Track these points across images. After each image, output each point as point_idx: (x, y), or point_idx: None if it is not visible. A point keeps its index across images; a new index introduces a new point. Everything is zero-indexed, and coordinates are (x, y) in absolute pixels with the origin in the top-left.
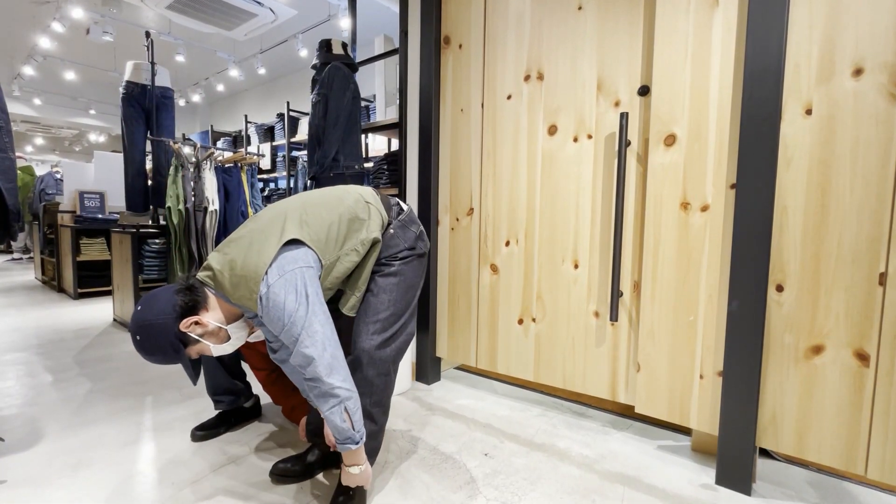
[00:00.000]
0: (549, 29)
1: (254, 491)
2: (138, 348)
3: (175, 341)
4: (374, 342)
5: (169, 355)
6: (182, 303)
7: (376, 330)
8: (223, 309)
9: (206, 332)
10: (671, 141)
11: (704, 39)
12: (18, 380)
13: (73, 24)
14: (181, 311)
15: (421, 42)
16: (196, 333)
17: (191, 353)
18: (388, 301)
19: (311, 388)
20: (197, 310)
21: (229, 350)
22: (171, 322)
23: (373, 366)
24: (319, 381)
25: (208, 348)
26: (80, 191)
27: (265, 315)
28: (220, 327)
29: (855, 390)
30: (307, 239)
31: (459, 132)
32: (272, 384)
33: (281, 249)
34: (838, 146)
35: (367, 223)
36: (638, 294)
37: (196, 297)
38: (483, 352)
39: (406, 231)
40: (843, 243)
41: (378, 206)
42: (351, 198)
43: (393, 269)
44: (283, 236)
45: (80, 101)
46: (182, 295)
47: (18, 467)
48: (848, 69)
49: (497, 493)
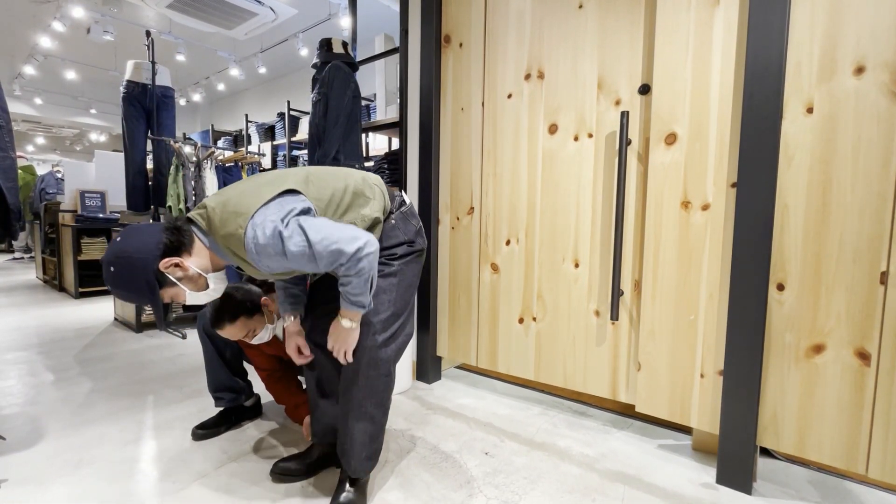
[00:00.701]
0: (549, 27)
1: (255, 489)
2: (110, 280)
3: (152, 279)
4: (374, 343)
5: (142, 293)
6: (167, 241)
7: (376, 330)
8: (207, 256)
9: (186, 276)
10: (672, 140)
11: (705, 38)
12: (20, 379)
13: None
14: (164, 250)
15: (421, 41)
16: (175, 276)
17: (165, 295)
18: (388, 301)
19: (351, 266)
20: (180, 251)
21: (204, 300)
22: (151, 259)
23: (374, 366)
24: (356, 249)
25: (183, 294)
26: (81, 190)
27: (260, 253)
28: (201, 274)
29: (856, 389)
30: (308, 195)
31: (460, 131)
32: (275, 382)
33: (280, 195)
34: (839, 145)
35: (371, 202)
36: (638, 293)
37: (182, 239)
38: (483, 351)
39: (407, 223)
40: (844, 242)
41: (383, 192)
42: (358, 175)
43: (392, 270)
44: (283, 186)
45: (81, 100)
46: (168, 233)
47: (20, 466)
48: (849, 68)
49: (497, 491)
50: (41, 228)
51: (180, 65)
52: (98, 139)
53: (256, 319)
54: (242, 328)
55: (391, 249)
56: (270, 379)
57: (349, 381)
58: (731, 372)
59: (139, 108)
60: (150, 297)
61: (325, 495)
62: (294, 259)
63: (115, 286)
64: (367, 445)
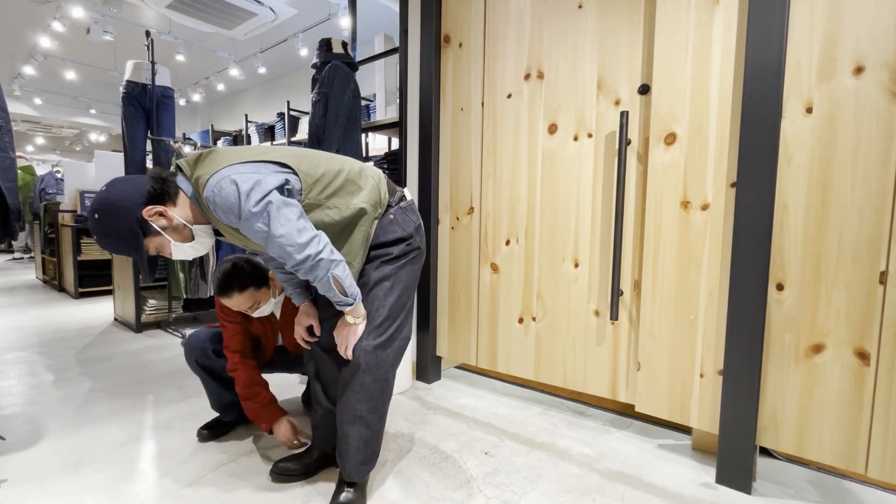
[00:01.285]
0: (549, 27)
1: (254, 490)
2: (95, 228)
3: (135, 227)
4: (369, 347)
5: (125, 241)
6: (151, 188)
7: (371, 335)
8: (192, 210)
9: (171, 226)
10: (672, 139)
11: (705, 37)
12: (20, 379)
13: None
14: (148, 198)
15: (421, 41)
16: (159, 225)
17: (149, 245)
18: (382, 306)
19: (299, 269)
20: (164, 200)
21: (191, 254)
22: (134, 206)
23: (368, 372)
24: (303, 258)
25: (168, 245)
26: (80, 190)
27: (216, 205)
28: (186, 225)
29: (855, 389)
30: (298, 168)
31: (460, 131)
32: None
33: (261, 161)
34: (839, 144)
35: (360, 192)
36: (638, 293)
37: (166, 188)
38: (483, 351)
39: (406, 219)
40: (843, 242)
41: (380, 184)
42: (357, 165)
43: (387, 273)
44: (270, 157)
45: (81, 100)
46: (153, 182)
47: (20, 466)
48: (849, 67)
49: (497, 491)
50: (41, 228)
51: (180, 65)
52: (98, 139)
53: (263, 292)
54: (249, 299)
55: (388, 248)
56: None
57: (345, 385)
58: (730, 372)
59: (139, 108)
60: (133, 246)
61: (324, 495)
62: (248, 229)
63: (100, 234)
64: (362, 450)
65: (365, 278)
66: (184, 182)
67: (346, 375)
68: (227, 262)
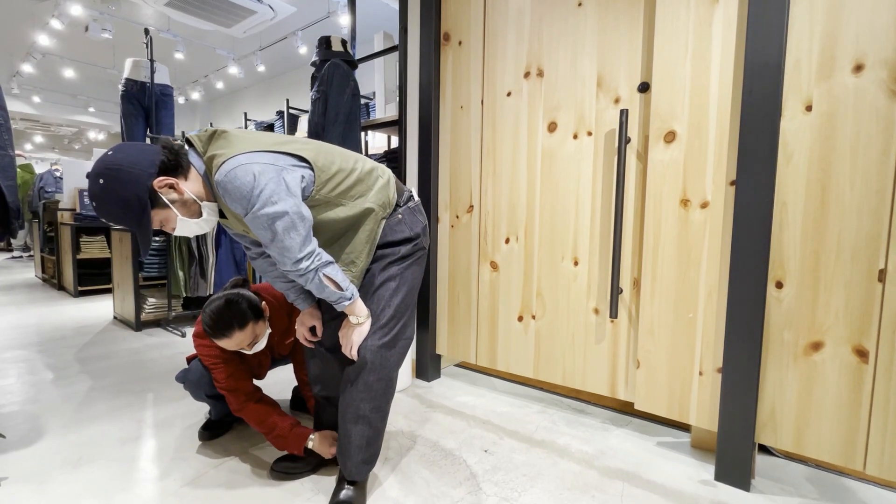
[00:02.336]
0: (549, 25)
1: (255, 487)
2: (97, 194)
3: (144, 197)
4: (374, 346)
5: (130, 211)
6: (164, 159)
7: (376, 335)
8: (201, 183)
9: (180, 200)
10: (671, 138)
11: (705, 36)
12: (19, 377)
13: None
14: (160, 168)
15: (421, 39)
16: (168, 198)
17: (154, 218)
18: (389, 305)
19: (290, 273)
20: (177, 173)
21: (195, 231)
22: (145, 175)
23: (373, 371)
24: (294, 269)
25: (175, 219)
26: (79, 188)
27: (227, 191)
28: (196, 200)
29: (854, 387)
30: (316, 163)
31: (459, 129)
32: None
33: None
34: (838, 142)
35: (368, 192)
36: (638, 291)
37: (179, 161)
38: (483, 349)
39: (414, 219)
40: (842, 240)
41: (389, 184)
42: (369, 164)
43: (392, 274)
44: (292, 149)
45: (80, 98)
46: (166, 152)
47: (20, 464)
48: (848, 65)
49: (497, 488)
50: (40, 227)
51: (179, 63)
52: (97, 137)
53: (261, 325)
54: (250, 334)
55: (395, 247)
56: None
57: (348, 384)
58: (729, 369)
59: (138, 107)
60: (138, 217)
61: (324, 492)
62: (252, 225)
63: (102, 201)
64: (364, 449)
65: (371, 278)
66: (195, 157)
67: (350, 374)
68: (217, 299)
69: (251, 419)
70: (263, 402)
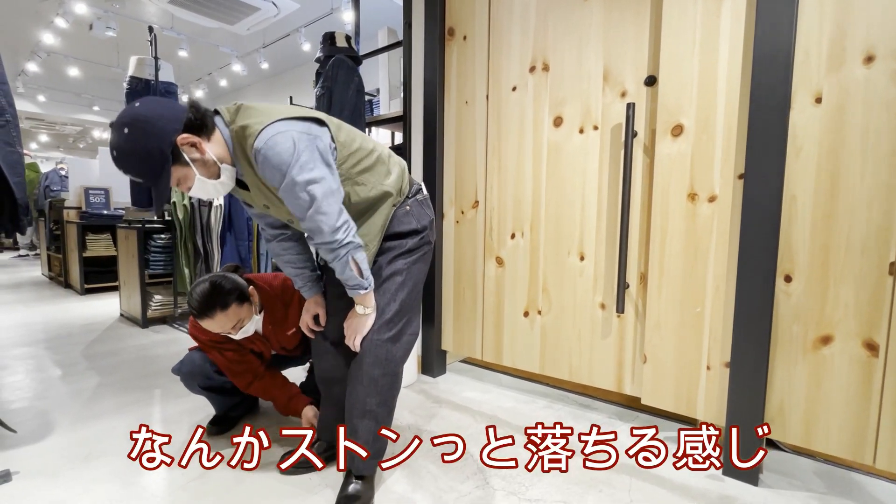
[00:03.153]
0: (554, 19)
1: (264, 480)
2: (119, 143)
3: (166, 150)
4: (380, 341)
5: (150, 164)
6: (191, 116)
7: (382, 329)
8: (224, 148)
9: (201, 159)
10: (678, 131)
11: (712, 28)
12: (28, 374)
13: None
14: (186, 125)
15: (425, 34)
16: (190, 156)
17: (174, 174)
18: (394, 300)
19: (324, 247)
20: (201, 132)
21: (211, 193)
22: (170, 129)
23: (378, 365)
24: (331, 240)
25: (193, 178)
26: (85, 187)
27: (266, 158)
28: (216, 162)
29: (864, 380)
30: (337, 138)
31: (464, 125)
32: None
33: (310, 120)
34: (848, 135)
35: (389, 176)
36: (644, 285)
37: (205, 120)
38: (488, 344)
39: (421, 211)
40: (852, 233)
41: (403, 172)
42: (387, 150)
43: (399, 268)
44: (316, 116)
45: (84, 97)
46: (193, 110)
47: (31, 458)
48: (859, 56)
49: (504, 483)
50: (46, 225)
51: (182, 61)
52: (101, 136)
53: (245, 308)
54: (233, 317)
55: (402, 239)
56: (255, 378)
57: (354, 379)
58: (737, 364)
59: None
60: (157, 171)
61: (332, 487)
62: (289, 194)
63: (123, 151)
64: (371, 444)
65: (378, 270)
66: (221, 124)
67: (355, 370)
68: (202, 281)
69: (257, 394)
70: (267, 377)
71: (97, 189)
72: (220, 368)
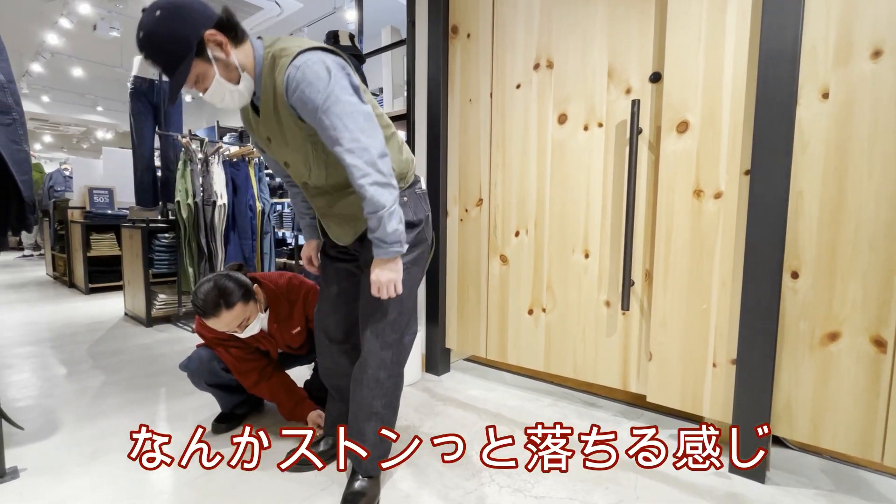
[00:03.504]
0: (558, 16)
1: (269, 478)
2: (150, 23)
3: (192, 41)
4: (384, 345)
5: (174, 50)
6: (223, 17)
7: (384, 332)
8: (251, 60)
9: (225, 61)
10: (684, 128)
11: (718, 24)
12: (34, 372)
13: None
14: (217, 22)
15: (429, 32)
16: (214, 53)
17: (194, 69)
18: (394, 302)
19: (369, 175)
20: (231, 36)
21: (227, 98)
22: (202, 21)
23: (384, 368)
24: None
25: (212, 78)
26: (89, 187)
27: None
28: (238, 68)
29: (871, 377)
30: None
31: (468, 122)
32: (267, 380)
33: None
34: (856, 130)
35: (400, 153)
36: (650, 283)
37: (237, 28)
38: (493, 342)
39: (418, 205)
40: (860, 229)
41: (410, 159)
42: (401, 135)
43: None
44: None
45: (88, 97)
46: (227, 13)
47: (37, 455)
48: (866, 51)
49: (510, 480)
50: (51, 225)
51: None
52: (105, 136)
53: (251, 307)
54: (239, 316)
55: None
56: (262, 378)
57: (359, 383)
58: (744, 361)
59: (147, 104)
60: (179, 58)
61: (338, 483)
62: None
63: (153, 33)
64: (378, 446)
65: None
66: (258, 45)
67: (359, 373)
68: (207, 280)
69: (263, 396)
70: (274, 378)
71: (101, 189)
72: (227, 366)
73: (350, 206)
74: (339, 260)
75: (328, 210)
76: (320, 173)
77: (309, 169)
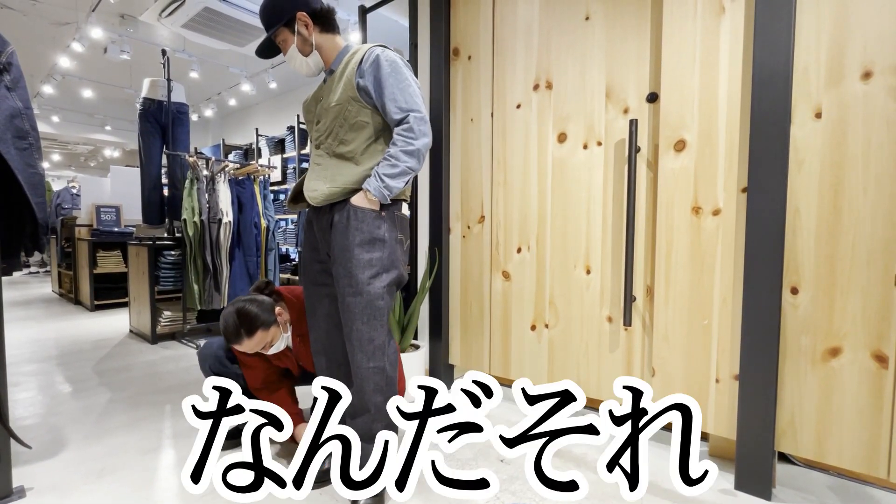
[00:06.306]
0: (557, 38)
1: (274, 492)
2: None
3: (286, 14)
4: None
5: (271, 15)
6: (320, 8)
7: (376, 356)
8: (330, 49)
9: (306, 40)
10: (681, 146)
11: (712, 45)
12: (40, 390)
13: (91, 43)
14: (310, 7)
15: (430, 54)
16: (301, 30)
17: (279, 34)
18: (381, 326)
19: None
20: (319, 23)
21: (298, 63)
22: (299, 4)
23: (379, 392)
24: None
25: (291, 44)
26: (96, 205)
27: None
28: (313, 49)
29: (874, 392)
30: None
31: (470, 141)
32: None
33: None
34: (850, 148)
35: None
36: (651, 298)
37: (330, 20)
38: (496, 358)
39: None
40: (857, 245)
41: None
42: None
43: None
44: None
45: (97, 117)
46: (325, 9)
47: (45, 474)
48: (857, 72)
49: (515, 498)
50: (58, 243)
51: (192, 82)
52: (112, 155)
53: (272, 331)
54: (261, 341)
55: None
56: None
57: (359, 409)
58: (747, 376)
59: (155, 125)
60: (274, 21)
61: (343, 501)
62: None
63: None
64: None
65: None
66: (352, 43)
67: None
68: (229, 308)
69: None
70: (279, 392)
71: (108, 207)
72: (236, 356)
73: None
74: (318, 284)
75: (318, 160)
76: (333, 142)
77: (329, 131)
